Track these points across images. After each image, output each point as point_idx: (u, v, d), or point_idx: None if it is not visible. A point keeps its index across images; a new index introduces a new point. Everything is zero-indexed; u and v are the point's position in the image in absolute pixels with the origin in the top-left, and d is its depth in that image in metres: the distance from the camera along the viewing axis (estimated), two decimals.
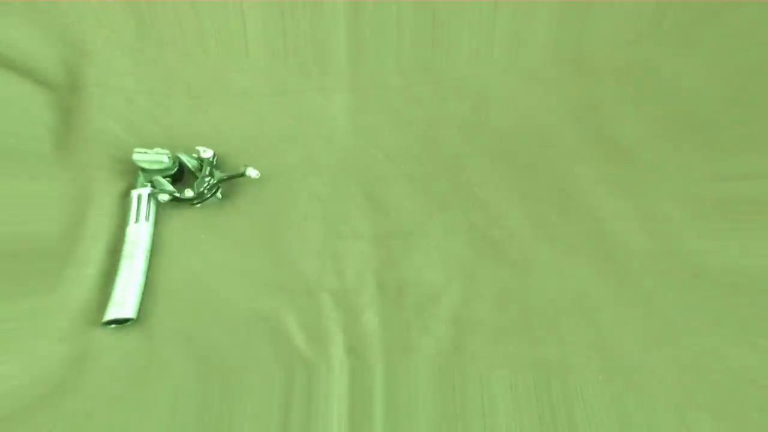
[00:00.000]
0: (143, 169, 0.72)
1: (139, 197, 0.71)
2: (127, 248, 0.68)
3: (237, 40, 0.83)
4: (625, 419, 0.57)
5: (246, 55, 0.84)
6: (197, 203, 0.73)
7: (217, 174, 0.72)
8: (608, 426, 0.57)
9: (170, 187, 0.72)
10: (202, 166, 0.72)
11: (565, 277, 0.67)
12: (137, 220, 0.70)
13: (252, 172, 0.70)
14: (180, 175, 0.75)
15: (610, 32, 0.80)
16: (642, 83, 0.78)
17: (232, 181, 0.73)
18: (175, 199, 0.72)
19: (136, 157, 0.70)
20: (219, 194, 0.74)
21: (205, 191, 0.72)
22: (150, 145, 0.72)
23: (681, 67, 0.76)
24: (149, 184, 0.72)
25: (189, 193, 0.71)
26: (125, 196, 0.73)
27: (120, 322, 0.64)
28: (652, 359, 0.61)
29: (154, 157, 0.71)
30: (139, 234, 0.69)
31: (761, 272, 0.63)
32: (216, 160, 0.73)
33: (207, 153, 0.72)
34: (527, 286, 0.67)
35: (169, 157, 0.71)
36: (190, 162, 0.73)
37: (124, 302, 0.64)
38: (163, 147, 0.72)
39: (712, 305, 0.63)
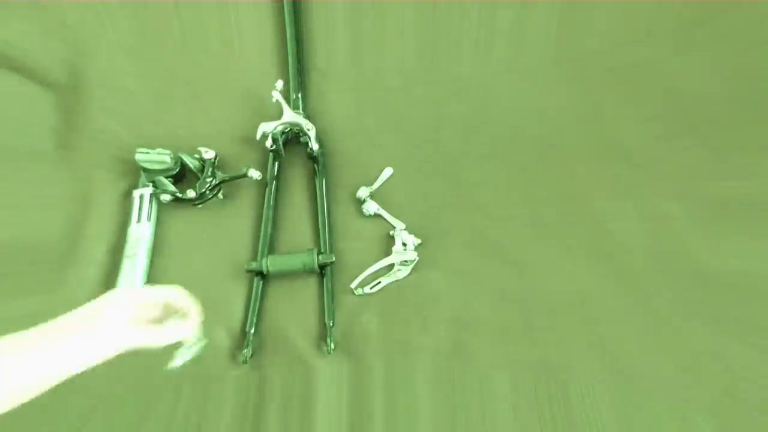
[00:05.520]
0: (145, 170, 0.72)
1: (141, 197, 0.71)
2: (129, 248, 0.68)
3: (237, 40, 0.84)
4: (625, 419, 0.57)
5: (246, 55, 0.84)
6: (199, 203, 0.73)
7: (219, 175, 0.73)
8: (608, 426, 0.57)
9: (172, 188, 0.72)
10: (204, 166, 0.72)
11: (565, 277, 0.67)
12: (139, 220, 0.70)
13: (253, 173, 0.70)
14: (182, 176, 0.75)
15: (610, 32, 0.80)
16: (642, 83, 0.78)
17: (233, 181, 0.73)
18: (176, 200, 0.72)
19: (138, 157, 0.70)
20: (221, 195, 0.74)
21: (207, 192, 0.72)
22: (152, 146, 0.72)
23: (681, 68, 0.76)
24: (151, 185, 0.72)
25: (191, 193, 0.71)
26: (127, 196, 0.73)
27: None
28: (652, 359, 0.61)
29: (157, 158, 0.71)
30: (140, 234, 0.69)
31: (761, 272, 0.63)
32: (218, 161, 0.73)
33: (209, 154, 0.72)
34: (527, 286, 0.67)
35: (171, 158, 0.72)
36: (192, 162, 0.74)
37: None
38: (164, 147, 0.72)
39: (712, 305, 0.63)
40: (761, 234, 0.65)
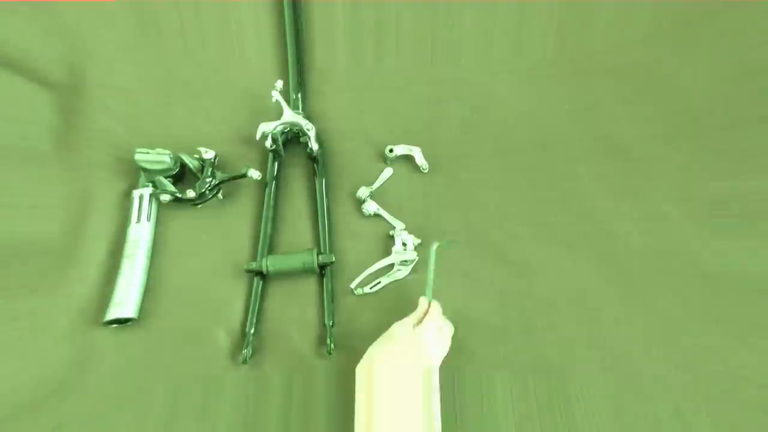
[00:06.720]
0: (145, 170, 0.72)
1: (141, 197, 0.71)
2: (129, 248, 0.68)
3: (237, 40, 0.84)
4: (625, 419, 0.57)
5: (246, 55, 0.84)
6: (199, 204, 0.73)
7: (219, 175, 0.73)
8: (608, 426, 0.57)
9: (172, 188, 0.72)
10: (203, 166, 0.72)
11: (565, 277, 0.67)
12: (138, 220, 0.70)
13: (253, 173, 0.70)
14: (181, 176, 0.75)
15: (610, 32, 0.80)
16: (642, 83, 0.78)
17: (233, 181, 0.73)
18: (176, 200, 0.72)
19: (138, 157, 0.70)
20: (220, 195, 0.74)
21: (207, 192, 0.72)
22: (151, 145, 0.72)
23: (681, 67, 0.76)
24: (151, 184, 0.72)
25: (190, 193, 0.71)
26: (126, 196, 0.73)
27: (121, 321, 0.64)
28: (652, 359, 0.61)
29: (156, 158, 0.71)
30: (140, 234, 0.69)
31: (761, 272, 0.63)
32: (218, 161, 0.73)
33: (209, 154, 0.72)
34: (527, 286, 0.67)
35: (170, 158, 0.71)
36: (191, 162, 0.73)
37: (125, 302, 0.64)
38: (164, 147, 0.72)
39: (712, 305, 0.63)
40: (761, 234, 0.65)
